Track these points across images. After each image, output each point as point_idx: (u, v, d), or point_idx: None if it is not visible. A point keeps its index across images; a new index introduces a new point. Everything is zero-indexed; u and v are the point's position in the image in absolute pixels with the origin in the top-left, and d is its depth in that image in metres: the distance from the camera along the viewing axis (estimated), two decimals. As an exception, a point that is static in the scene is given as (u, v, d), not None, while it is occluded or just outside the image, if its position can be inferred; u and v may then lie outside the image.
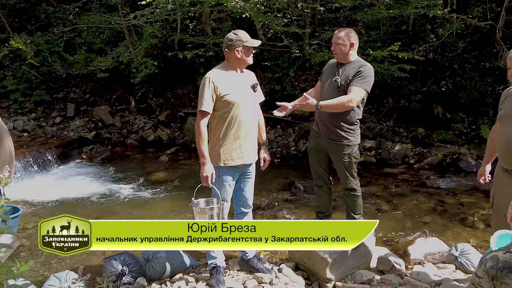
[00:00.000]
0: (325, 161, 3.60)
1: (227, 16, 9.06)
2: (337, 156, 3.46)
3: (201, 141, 3.07)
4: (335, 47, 3.41)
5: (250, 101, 3.24)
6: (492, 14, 8.27)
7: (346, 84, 3.35)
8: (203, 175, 3.07)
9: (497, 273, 1.87)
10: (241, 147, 3.19)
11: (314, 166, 3.65)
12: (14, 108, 9.85)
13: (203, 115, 3.10)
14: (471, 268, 3.61)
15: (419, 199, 5.85)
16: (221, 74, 3.15)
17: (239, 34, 3.15)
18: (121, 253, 3.73)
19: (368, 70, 3.35)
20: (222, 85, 3.09)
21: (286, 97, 9.01)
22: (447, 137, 7.95)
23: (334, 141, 3.43)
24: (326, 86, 3.47)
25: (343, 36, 3.36)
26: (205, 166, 3.07)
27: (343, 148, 3.42)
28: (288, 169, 7.24)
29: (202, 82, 3.11)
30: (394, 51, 6.90)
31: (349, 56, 3.41)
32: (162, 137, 8.96)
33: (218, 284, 3.25)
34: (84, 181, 6.80)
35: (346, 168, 3.46)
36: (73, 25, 9.76)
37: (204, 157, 3.07)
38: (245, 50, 3.14)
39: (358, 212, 3.58)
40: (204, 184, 3.09)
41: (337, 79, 3.36)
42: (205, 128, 3.11)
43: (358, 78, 3.31)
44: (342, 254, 3.43)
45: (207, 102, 3.07)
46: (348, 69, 3.39)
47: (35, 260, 4.09)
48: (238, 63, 3.19)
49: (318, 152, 3.58)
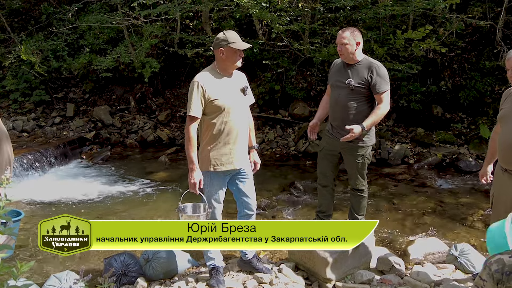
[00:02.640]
0: (335, 162, 3.59)
1: (228, 16, 9.06)
2: (351, 157, 3.44)
3: (190, 146, 3.04)
4: (341, 48, 3.35)
5: (240, 104, 3.19)
6: (492, 14, 8.27)
7: (360, 85, 3.31)
8: (191, 181, 3.05)
9: (503, 277, 1.84)
10: (231, 151, 3.15)
11: (322, 166, 3.62)
12: (13, 108, 9.86)
13: (192, 120, 3.05)
14: (470, 268, 3.62)
15: (418, 199, 5.85)
16: (210, 78, 3.09)
17: (227, 35, 3.07)
18: (121, 253, 3.73)
19: (382, 69, 3.33)
20: (211, 89, 3.03)
21: (286, 97, 9.05)
22: (446, 137, 7.95)
23: (350, 143, 3.39)
24: (339, 90, 3.41)
25: (348, 36, 3.32)
26: (194, 172, 3.04)
27: (358, 149, 3.41)
28: (287, 169, 7.23)
29: (191, 86, 3.05)
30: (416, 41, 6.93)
31: (356, 56, 3.37)
32: (161, 137, 8.96)
33: (218, 284, 3.24)
34: (84, 181, 6.79)
35: (358, 168, 3.45)
36: (73, 26, 9.74)
37: (193, 163, 3.03)
38: (230, 52, 3.04)
39: (361, 213, 3.58)
40: (192, 191, 3.07)
41: (350, 82, 3.32)
42: (195, 133, 3.07)
43: (379, 82, 3.28)
44: (342, 254, 3.43)
45: (196, 107, 3.02)
46: (360, 70, 3.34)
47: (35, 261, 4.08)
48: (225, 65, 3.12)
49: (329, 152, 3.55)
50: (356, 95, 3.33)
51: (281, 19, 7.44)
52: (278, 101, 9.13)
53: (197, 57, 9.01)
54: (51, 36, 10.03)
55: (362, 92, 3.32)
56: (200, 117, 3.07)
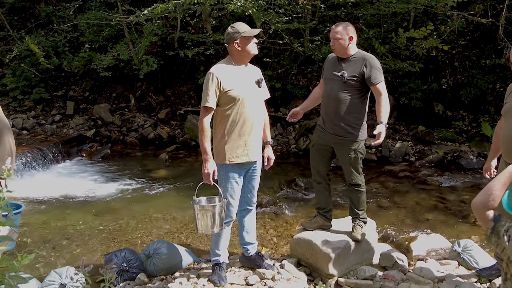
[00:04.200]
0: (327, 157, 3.56)
1: (228, 14, 9.03)
2: (344, 152, 3.42)
3: (204, 137, 3.02)
4: (334, 42, 3.35)
5: (255, 96, 3.17)
6: (494, 12, 8.26)
7: (354, 78, 3.29)
8: (204, 172, 3.01)
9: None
10: (246, 143, 3.12)
11: (315, 162, 3.60)
12: (13, 106, 9.82)
13: (206, 111, 3.04)
14: (474, 264, 3.59)
15: (420, 196, 5.83)
16: (225, 69, 3.09)
17: (236, 27, 3.09)
18: (121, 249, 3.71)
19: (374, 61, 3.31)
20: (226, 80, 3.02)
21: (287, 94, 9.03)
22: (447, 135, 7.94)
23: (341, 137, 3.38)
24: (332, 83, 3.40)
25: (341, 31, 3.31)
26: (207, 163, 3.01)
27: (350, 143, 3.38)
28: (288, 166, 7.22)
29: (206, 77, 3.05)
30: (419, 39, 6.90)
31: (349, 50, 3.35)
32: (162, 135, 8.93)
33: (220, 280, 3.22)
34: (83, 179, 6.76)
35: (352, 163, 3.43)
36: (73, 23, 9.72)
37: (207, 153, 3.01)
38: (244, 41, 3.07)
39: (361, 208, 3.55)
40: (206, 182, 3.03)
41: (343, 74, 3.30)
42: (209, 124, 3.04)
43: (374, 73, 3.26)
44: (344, 250, 3.41)
45: (211, 98, 3.01)
46: (353, 63, 3.34)
47: (35, 254, 4.06)
48: (241, 56, 3.12)
49: (321, 147, 3.54)
50: (349, 88, 3.31)
51: (280, 17, 7.42)
52: (278, 99, 9.10)
53: (197, 55, 8.98)
54: (51, 33, 10.01)
55: (355, 85, 3.30)
56: (214, 108, 3.05)
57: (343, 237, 3.50)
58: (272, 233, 4.70)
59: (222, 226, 3.02)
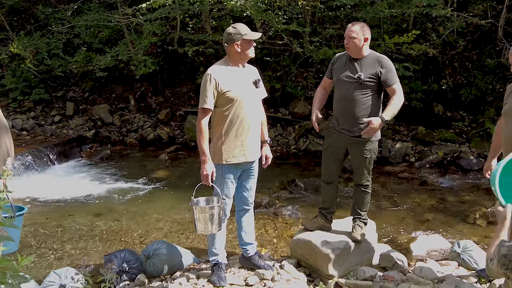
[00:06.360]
0: (340, 159, 3.55)
1: (227, 15, 9.03)
2: (359, 152, 3.41)
3: (202, 138, 3.02)
4: (348, 41, 3.30)
5: (252, 97, 3.18)
6: (493, 12, 8.26)
7: (370, 79, 3.29)
8: (203, 173, 3.03)
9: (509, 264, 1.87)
10: (243, 144, 3.13)
11: (328, 164, 3.57)
12: (13, 107, 9.82)
13: (204, 112, 3.05)
14: (473, 265, 3.59)
15: (420, 197, 5.83)
16: (222, 70, 3.09)
17: (238, 28, 3.08)
18: (121, 250, 3.71)
19: (389, 62, 3.33)
20: (223, 81, 3.03)
21: (286, 95, 9.03)
22: (447, 136, 7.94)
23: (358, 138, 3.36)
24: (347, 84, 3.35)
25: (357, 30, 3.27)
26: (206, 164, 3.02)
27: (365, 144, 3.38)
28: (288, 167, 7.20)
29: (204, 79, 3.06)
30: (407, 43, 6.93)
31: (363, 51, 3.33)
32: (161, 135, 8.93)
33: (220, 280, 3.21)
34: (84, 180, 6.76)
35: (365, 164, 3.42)
36: (72, 25, 9.70)
37: (205, 155, 3.02)
38: (244, 43, 3.07)
39: (364, 209, 3.55)
40: (204, 183, 3.05)
41: (360, 76, 3.28)
42: (207, 125, 3.06)
43: (390, 75, 3.29)
44: (344, 250, 3.41)
45: (209, 99, 3.02)
46: (367, 64, 3.32)
47: (34, 257, 4.06)
48: (239, 57, 3.13)
49: (335, 149, 3.51)
50: (365, 89, 3.30)
51: (279, 18, 7.42)
52: (278, 100, 9.10)
53: (197, 56, 8.98)
54: (47, 35, 9.99)
55: (371, 86, 3.30)
56: (212, 109, 3.06)
57: (343, 237, 3.50)
58: (272, 234, 4.70)
59: (221, 226, 3.05)
